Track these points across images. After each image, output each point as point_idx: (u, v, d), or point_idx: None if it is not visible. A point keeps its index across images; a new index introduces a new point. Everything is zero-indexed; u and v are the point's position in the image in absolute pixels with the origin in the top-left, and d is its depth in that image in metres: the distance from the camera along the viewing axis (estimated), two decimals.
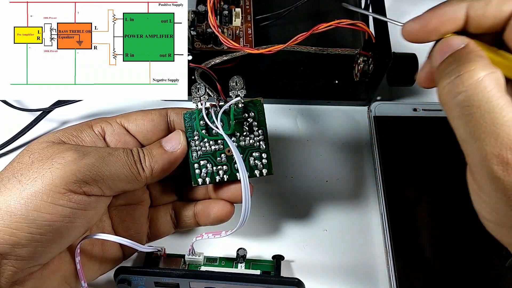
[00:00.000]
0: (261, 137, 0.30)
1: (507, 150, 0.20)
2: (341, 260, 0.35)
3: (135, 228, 0.31)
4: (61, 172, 0.25)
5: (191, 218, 0.32)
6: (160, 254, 0.32)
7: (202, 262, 0.33)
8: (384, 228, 0.36)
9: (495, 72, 0.21)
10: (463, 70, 0.21)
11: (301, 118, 0.41)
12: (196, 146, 0.30)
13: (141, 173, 0.28)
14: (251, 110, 0.30)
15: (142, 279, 0.30)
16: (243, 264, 0.33)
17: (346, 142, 0.40)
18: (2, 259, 0.24)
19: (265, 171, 0.30)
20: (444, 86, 0.21)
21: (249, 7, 0.42)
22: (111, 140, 0.30)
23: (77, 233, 0.27)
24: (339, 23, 0.35)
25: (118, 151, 0.28)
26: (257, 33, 0.41)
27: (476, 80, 0.20)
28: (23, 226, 0.24)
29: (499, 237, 0.24)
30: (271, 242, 0.36)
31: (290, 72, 0.42)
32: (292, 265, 0.35)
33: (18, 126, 0.39)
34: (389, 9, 0.37)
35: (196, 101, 0.30)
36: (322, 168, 0.39)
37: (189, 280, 0.30)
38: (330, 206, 0.38)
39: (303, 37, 0.34)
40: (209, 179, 0.30)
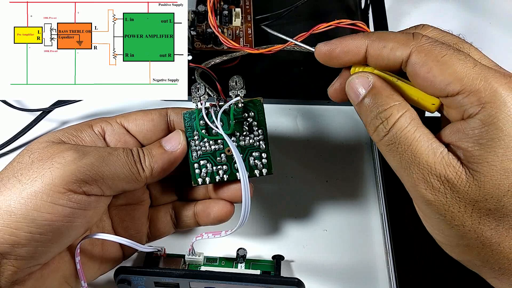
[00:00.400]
0: (261, 137, 0.30)
1: (429, 174, 0.23)
2: (341, 260, 0.35)
3: (135, 228, 0.31)
4: (61, 171, 0.25)
5: (191, 218, 0.32)
6: (160, 254, 0.32)
7: (202, 262, 0.33)
8: (384, 228, 0.36)
9: (408, 110, 0.25)
10: (383, 117, 0.25)
11: (301, 118, 0.41)
12: (196, 146, 0.30)
13: (141, 173, 0.28)
14: (251, 110, 0.30)
15: (142, 279, 0.30)
16: (243, 264, 0.33)
17: (346, 142, 0.40)
18: (2, 259, 0.24)
19: (265, 171, 0.30)
20: (370, 129, 0.26)
21: (249, 7, 0.42)
22: (111, 140, 0.30)
23: (77, 233, 0.27)
24: (339, 23, 0.34)
25: (118, 151, 0.28)
26: (257, 33, 0.41)
27: (394, 122, 0.24)
28: (23, 226, 0.24)
29: (456, 257, 0.26)
30: (271, 242, 0.36)
31: (290, 72, 0.42)
32: (292, 265, 0.35)
33: (18, 126, 0.39)
34: (389, 10, 0.37)
35: (196, 101, 0.30)
36: (322, 168, 0.39)
37: (189, 280, 0.30)
38: (330, 206, 0.38)
39: (303, 37, 0.34)
40: (209, 179, 0.30)
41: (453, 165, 0.23)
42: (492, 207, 0.23)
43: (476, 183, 0.23)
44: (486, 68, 0.24)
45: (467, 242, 0.24)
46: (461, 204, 0.23)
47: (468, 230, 0.24)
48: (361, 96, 0.26)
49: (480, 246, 0.24)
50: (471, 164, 0.23)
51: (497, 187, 0.23)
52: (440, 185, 0.23)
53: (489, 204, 0.23)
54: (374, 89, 0.26)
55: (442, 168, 0.23)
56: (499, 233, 0.23)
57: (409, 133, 0.24)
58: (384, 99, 0.25)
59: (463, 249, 0.25)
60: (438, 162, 0.23)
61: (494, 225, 0.23)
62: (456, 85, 0.23)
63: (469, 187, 0.23)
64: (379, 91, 0.25)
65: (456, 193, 0.23)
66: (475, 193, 0.23)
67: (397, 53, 0.25)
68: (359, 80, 0.26)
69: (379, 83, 0.26)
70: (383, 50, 0.25)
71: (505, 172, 0.23)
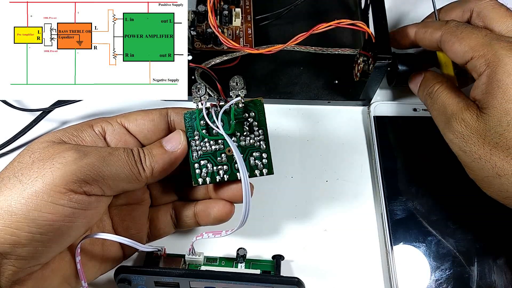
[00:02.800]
0: (261, 137, 0.30)
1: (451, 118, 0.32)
2: (341, 260, 0.35)
3: (135, 227, 0.31)
4: (61, 171, 0.25)
5: (191, 218, 0.32)
6: (160, 254, 0.32)
7: (202, 262, 0.33)
8: (384, 228, 0.36)
9: (443, 84, 0.35)
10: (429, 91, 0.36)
11: (301, 118, 0.41)
12: (196, 146, 0.30)
13: (142, 173, 0.28)
14: (252, 110, 0.30)
15: (142, 279, 0.30)
16: (243, 264, 0.33)
17: (346, 142, 0.40)
18: (3, 259, 0.24)
19: (265, 171, 0.30)
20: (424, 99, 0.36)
21: (249, 7, 0.42)
22: (112, 139, 0.30)
23: (78, 233, 0.27)
24: (339, 23, 0.35)
25: (119, 151, 0.28)
26: (257, 33, 0.41)
27: (434, 91, 0.35)
28: (23, 226, 0.24)
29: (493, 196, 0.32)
30: (271, 242, 0.36)
31: (290, 72, 0.42)
32: (292, 265, 0.35)
33: (18, 126, 0.39)
34: (389, 10, 0.37)
35: (197, 101, 0.30)
36: (322, 168, 0.39)
37: (189, 280, 0.30)
38: (330, 206, 0.38)
39: (303, 37, 0.34)
40: (210, 179, 0.30)
41: (469, 110, 0.31)
42: (497, 141, 0.30)
43: (483, 120, 0.30)
44: (494, 37, 0.31)
45: (487, 173, 0.30)
46: (474, 138, 0.31)
47: (484, 162, 0.30)
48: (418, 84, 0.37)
49: (497, 176, 0.30)
50: (481, 108, 0.31)
51: (499, 123, 0.30)
52: (458, 125, 0.31)
53: (494, 138, 0.30)
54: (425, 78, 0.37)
55: (460, 113, 0.31)
56: (510, 164, 0.29)
57: (442, 96, 0.34)
58: (431, 81, 0.36)
59: (489, 184, 0.31)
60: (458, 109, 0.32)
61: (503, 156, 0.30)
62: (469, 53, 0.31)
63: (478, 125, 0.30)
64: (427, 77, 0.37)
65: (470, 129, 0.31)
66: (483, 128, 0.30)
67: (433, 36, 0.35)
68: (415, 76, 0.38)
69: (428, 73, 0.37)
70: (425, 34, 0.35)
71: (504, 111, 0.29)
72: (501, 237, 0.35)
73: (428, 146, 0.39)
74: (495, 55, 0.30)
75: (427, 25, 0.36)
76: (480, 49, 0.31)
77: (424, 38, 0.35)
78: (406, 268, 0.34)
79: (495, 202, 0.32)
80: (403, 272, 0.34)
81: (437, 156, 0.38)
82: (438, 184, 0.37)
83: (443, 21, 0.35)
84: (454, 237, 0.35)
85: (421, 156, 0.39)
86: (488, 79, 0.30)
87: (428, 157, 0.38)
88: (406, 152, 0.39)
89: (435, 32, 0.34)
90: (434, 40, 0.34)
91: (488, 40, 0.31)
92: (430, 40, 0.35)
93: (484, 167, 0.30)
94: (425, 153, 0.39)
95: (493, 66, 0.30)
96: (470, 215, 0.36)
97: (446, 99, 0.33)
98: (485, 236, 0.36)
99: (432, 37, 0.35)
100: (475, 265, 0.34)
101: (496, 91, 0.30)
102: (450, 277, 0.34)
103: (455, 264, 0.35)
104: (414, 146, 0.39)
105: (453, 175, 0.37)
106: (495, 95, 0.30)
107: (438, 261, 0.35)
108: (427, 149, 0.39)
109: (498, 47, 0.30)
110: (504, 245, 0.35)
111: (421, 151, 0.39)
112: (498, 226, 0.36)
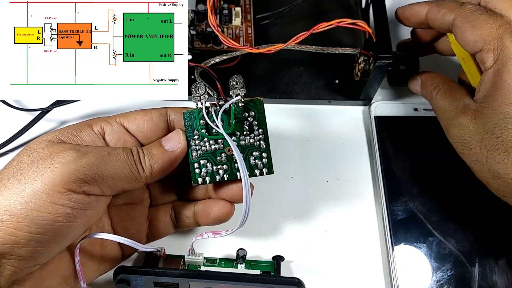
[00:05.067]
0: (261, 137, 0.30)
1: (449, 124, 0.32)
2: (341, 261, 0.35)
3: (134, 227, 0.31)
4: (60, 171, 0.25)
5: (191, 218, 0.32)
6: (159, 254, 0.32)
7: (201, 262, 0.33)
8: (384, 228, 0.36)
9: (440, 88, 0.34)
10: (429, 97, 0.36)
11: (301, 118, 0.41)
12: (196, 145, 0.30)
13: (141, 172, 0.28)
14: (252, 109, 0.30)
15: (142, 279, 0.30)
16: (243, 264, 0.33)
17: (346, 142, 0.40)
18: (2, 259, 0.24)
19: (265, 171, 0.30)
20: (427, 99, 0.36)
21: (249, 6, 0.42)
22: (111, 139, 0.30)
23: (77, 233, 0.27)
24: (340, 22, 0.34)
25: (118, 151, 0.28)
26: (257, 32, 0.41)
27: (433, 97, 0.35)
28: (22, 226, 0.24)
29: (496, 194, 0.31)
30: (271, 242, 0.36)
31: (290, 72, 0.42)
32: (292, 265, 0.35)
33: (17, 126, 0.39)
34: (389, 10, 0.37)
35: (196, 100, 0.30)
36: (322, 168, 0.39)
37: (189, 280, 0.30)
38: (330, 206, 0.38)
39: (303, 36, 0.34)
40: (209, 179, 0.30)
41: (466, 114, 0.31)
42: (494, 143, 0.29)
43: (481, 123, 0.30)
44: (508, 30, 0.30)
45: (485, 175, 0.30)
46: (472, 142, 0.30)
47: (481, 164, 0.30)
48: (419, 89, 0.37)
49: (493, 178, 0.30)
50: (480, 108, 0.30)
51: (497, 126, 0.29)
52: (457, 129, 0.31)
53: (492, 140, 0.29)
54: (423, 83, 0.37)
55: (458, 117, 0.31)
56: (505, 167, 0.29)
57: (439, 102, 0.34)
58: (428, 87, 0.36)
59: (488, 184, 0.31)
60: (456, 114, 0.32)
61: (500, 159, 0.29)
62: (480, 44, 0.30)
63: (476, 127, 0.30)
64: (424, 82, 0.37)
65: (468, 133, 0.30)
66: (481, 130, 0.30)
67: (445, 17, 0.32)
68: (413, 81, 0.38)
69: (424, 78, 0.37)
70: (437, 15, 0.33)
71: (503, 114, 0.29)
72: (503, 238, 0.35)
73: (429, 146, 0.39)
74: (504, 53, 0.29)
75: (440, 4, 0.33)
76: (491, 42, 0.30)
77: (436, 19, 0.33)
78: (407, 268, 0.34)
79: (496, 202, 0.31)
80: (404, 273, 0.34)
81: (438, 156, 0.38)
82: (439, 184, 0.37)
83: (458, 2, 0.32)
84: (455, 238, 0.35)
85: (422, 156, 0.39)
86: (493, 77, 0.30)
87: (429, 157, 0.38)
88: (407, 152, 0.39)
89: (448, 14, 0.32)
90: (446, 22, 0.32)
91: (501, 32, 0.30)
92: (442, 22, 0.33)
93: (482, 169, 0.30)
94: (426, 153, 0.39)
95: (500, 64, 0.29)
96: (471, 215, 0.36)
97: (443, 104, 0.33)
98: (486, 237, 0.35)
99: (444, 19, 0.33)
100: (477, 265, 0.34)
101: (498, 92, 0.29)
102: (451, 278, 0.34)
103: (456, 265, 0.34)
104: (415, 146, 0.39)
105: (454, 175, 0.37)
106: (496, 97, 0.29)
107: (439, 262, 0.34)
108: (428, 149, 0.39)
109: (508, 43, 0.29)
110: (506, 245, 0.35)
111: (422, 151, 0.39)
112: (500, 227, 0.36)
